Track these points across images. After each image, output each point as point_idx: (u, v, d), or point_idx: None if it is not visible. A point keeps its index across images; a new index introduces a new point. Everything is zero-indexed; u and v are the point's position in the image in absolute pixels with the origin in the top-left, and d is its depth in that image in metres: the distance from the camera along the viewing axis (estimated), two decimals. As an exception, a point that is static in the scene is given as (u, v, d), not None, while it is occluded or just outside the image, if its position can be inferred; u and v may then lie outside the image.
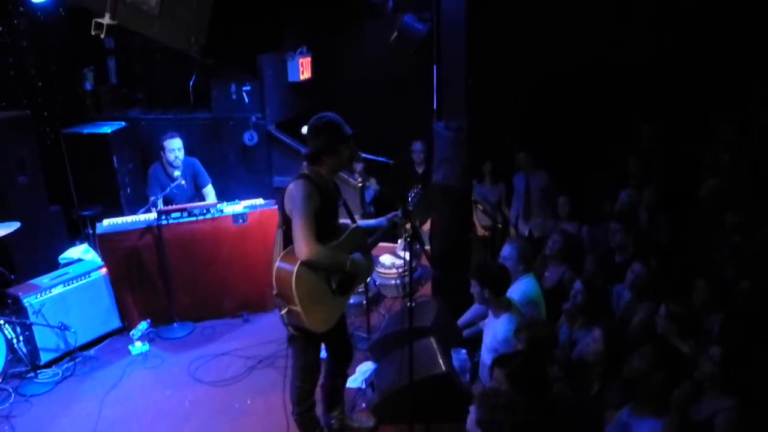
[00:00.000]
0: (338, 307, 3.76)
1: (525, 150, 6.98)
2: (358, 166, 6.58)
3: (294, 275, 3.39)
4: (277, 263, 3.53)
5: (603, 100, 6.95)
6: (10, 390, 4.84)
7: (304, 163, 3.63)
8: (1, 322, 4.91)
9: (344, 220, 3.87)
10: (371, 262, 3.98)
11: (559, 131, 7.07)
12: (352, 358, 4.22)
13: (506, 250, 4.69)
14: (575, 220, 6.05)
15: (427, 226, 6.08)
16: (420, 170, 7.43)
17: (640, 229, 5.49)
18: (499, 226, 7.01)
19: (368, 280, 5.52)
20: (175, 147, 6.02)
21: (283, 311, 3.53)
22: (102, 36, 3.83)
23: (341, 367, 4.17)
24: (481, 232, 7.15)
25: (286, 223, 3.56)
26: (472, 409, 3.04)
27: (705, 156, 6.17)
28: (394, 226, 3.94)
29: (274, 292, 3.55)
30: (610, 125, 6.93)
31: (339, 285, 3.66)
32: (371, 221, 4.08)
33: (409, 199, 3.97)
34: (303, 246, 3.36)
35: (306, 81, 7.53)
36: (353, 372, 4.90)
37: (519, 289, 4.49)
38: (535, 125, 7.24)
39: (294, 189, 3.46)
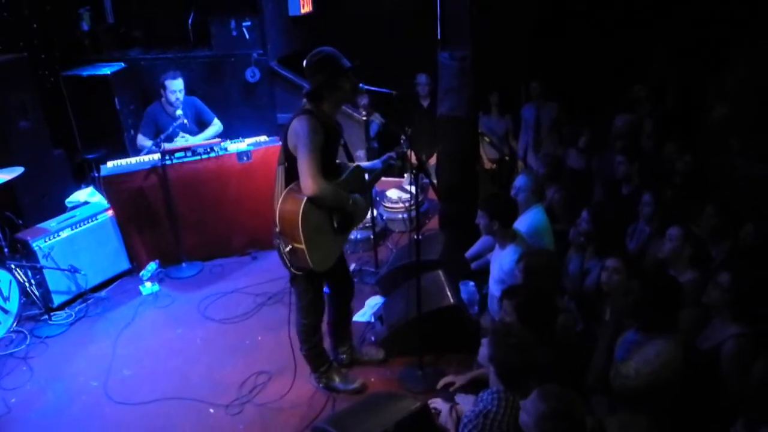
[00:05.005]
0: (338, 245, 3.78)
1: (536, 80, 6.83)
2: (363, 100, 6.49)
3: (300, 213, 3.35)
4: (281, 201, 3.47)
5: (616, 28, 6.74)
6: (26, 332, 4.90)
7: (304, 100, 3.55)
8: (13, 266, 4.94)
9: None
10: (369, 203, 3.98)
11: (569, 61, 6.88)
12: (353, 293, 4.22)
13: (520, 180, 4.66)
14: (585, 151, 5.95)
15: (433, 160, 6.01)
16: (425, 104, 7.29)
17: (644, 158, 5.38)
18: (507, 158, 6.94)
19: (375, 214, 5.52)
20: (176, 88, 5.88)
21: (286, 250, 3.49)
22: None
23: (344, 302, 4.19)
24: (488, 165, 7.09)
25: (288, 160, 3.49)
26: (484, 342, 3.04)
27: (712, 83, 6.02)
28: (389, 168, 3.93)
29: (277, 229, 3.51)
30: (623, 54, 6.72)
31: (340, 223, 3.65)
32: (366, 163, 4.06)
33: (402, 141, 3.92)
34: (309, 181, 3.31)
35: (307, 14, 7.35)
36: (362, 306, 4.94)
37: (527, 219, 4.46)
38: (544, 55, 7.06)
39: (298, 125, 3.39)
